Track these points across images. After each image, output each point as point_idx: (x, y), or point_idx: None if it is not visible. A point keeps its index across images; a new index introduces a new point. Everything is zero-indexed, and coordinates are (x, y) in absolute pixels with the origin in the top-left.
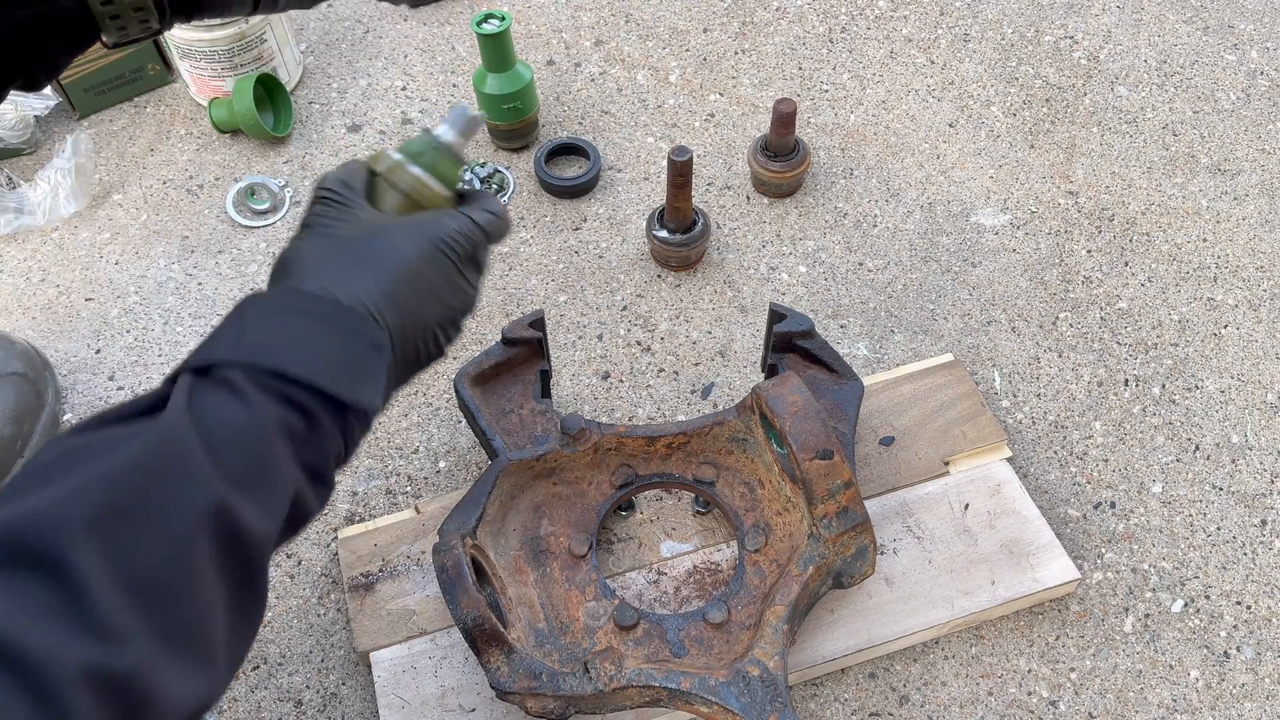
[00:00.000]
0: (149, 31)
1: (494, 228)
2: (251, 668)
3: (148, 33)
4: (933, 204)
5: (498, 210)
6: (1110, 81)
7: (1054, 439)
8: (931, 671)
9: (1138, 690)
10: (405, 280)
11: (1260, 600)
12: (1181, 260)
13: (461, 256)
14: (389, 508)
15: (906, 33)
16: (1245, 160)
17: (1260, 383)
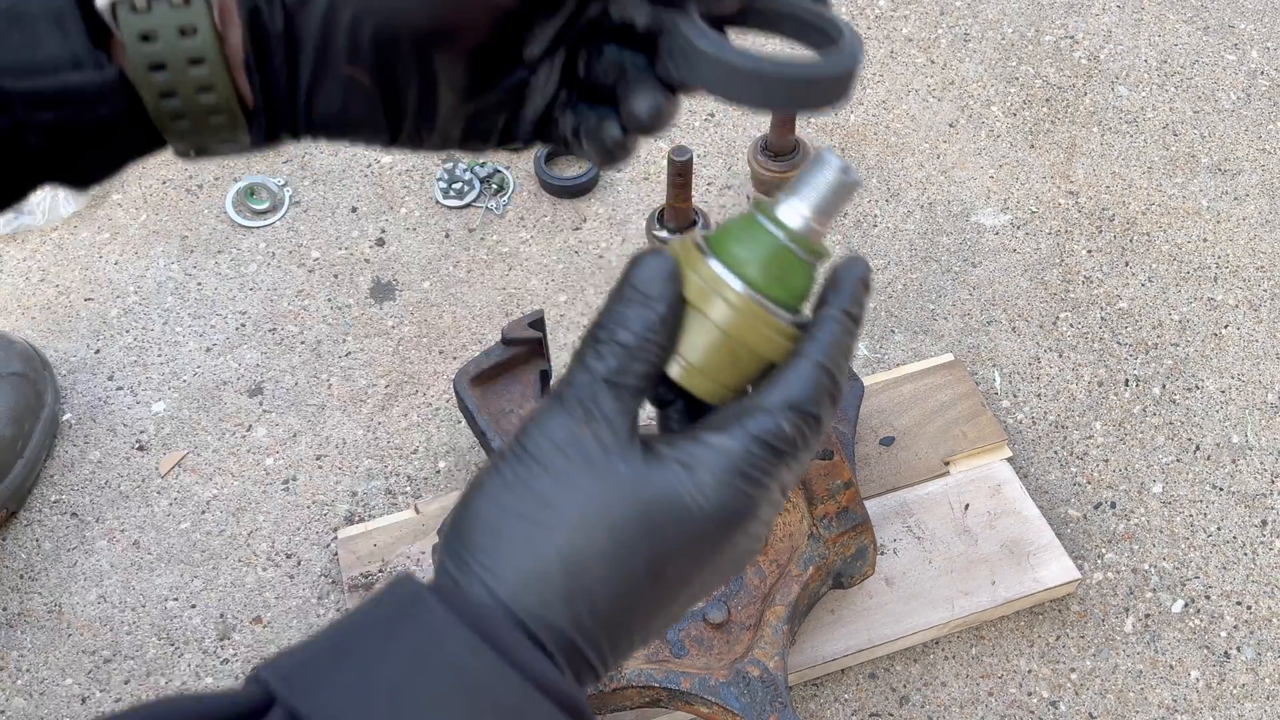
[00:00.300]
0: (235, 147)
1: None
2: (251, 668)
3: (234, 148)
4: (933, 204)
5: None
6: (1110, 81)
7: (1054, 439)
8: (931, 672)
9: (1138, 690)
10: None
11: (1260, 600)
12: (1182, 260)
13: (774, 497)
14: (389, 508)
15: (907, 32)
16: (1245, 160)
17: (1260, 383)
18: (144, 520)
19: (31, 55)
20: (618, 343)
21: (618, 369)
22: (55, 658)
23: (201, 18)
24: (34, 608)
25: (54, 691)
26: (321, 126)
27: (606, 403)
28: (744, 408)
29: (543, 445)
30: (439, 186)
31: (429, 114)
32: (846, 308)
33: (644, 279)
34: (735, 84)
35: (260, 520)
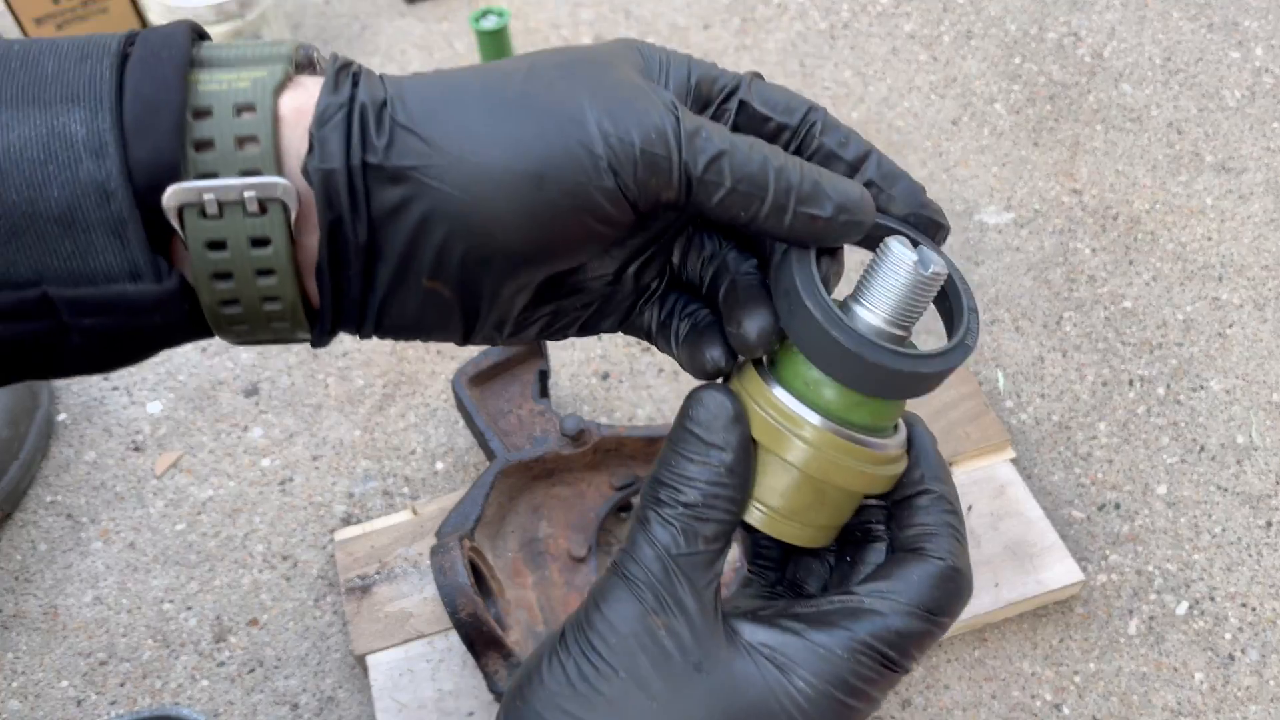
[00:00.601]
0: (291, 340)
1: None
2: (247, 670)
3: (288, 341)
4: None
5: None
6: (1114, 79)
7: (1058, 440)
8: (934, 674)
9: (1142, 693)
10: None
11: (1265, 602)
12: (1186, 259)
13: (875, 709)
14: (386, 509)
15: (909, 29)
16: (1250, 159)
17: (1266, 383)
18: (139, 521)
19: (84, 264)
20: (683, 504)
21: (687, 540)
22: (50, 660)
23: (278, 229)
24: (29, 609)
25: (49, 694)
26: (390, 329)
27: (681, 586)
28: (855, 605)
29: (611, 640)
30: None
31: (508, 319)
32: (945, 490)
33: (704, 422)
34: (829, 355)
35: (256, 521)
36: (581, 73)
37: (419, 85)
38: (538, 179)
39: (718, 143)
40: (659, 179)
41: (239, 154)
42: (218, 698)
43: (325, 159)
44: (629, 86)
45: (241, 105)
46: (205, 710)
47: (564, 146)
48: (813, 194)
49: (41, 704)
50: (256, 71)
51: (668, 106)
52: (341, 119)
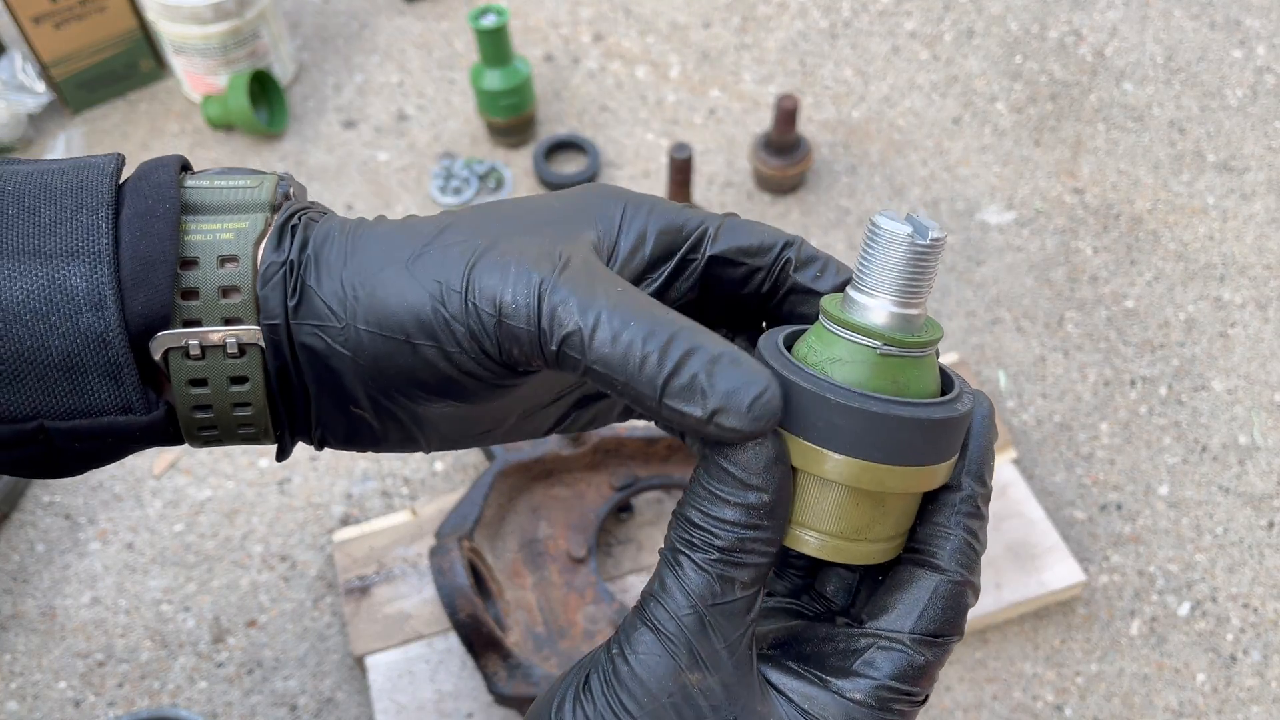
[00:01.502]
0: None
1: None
2: (246, 671)
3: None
4: (937, 201)
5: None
6: (1116, 77)
7: (1060, 440)
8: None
9: (1144, 694)
10: None
11: (1267, 603)
12: (1188, 259)
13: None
14: (385, 510)
15: (910, 28)
16: (1252, 158)
17: (1268, 383)
18: (137, 522)
19: (80, 402)
20: (719, 549)
21: (723, 587)
22: (49, 660)
23: (255, 369)
24: (27, 610)
25: (47, 695)
26: (342, 445)
27: (716, 639)
28: (871, 642)
29: (642, 698)
30: (436, 184)
31: (463, 438)
32: (974, 490)
33: (743, 462)
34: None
35: (254, 522)
36: (483, 236)
37: (336, 244)
38: (410, 347)
39: (577, 319)
40: (520, 349)
41: (222, 303)
42: (216, 699)
43: (268, 315)
44: (520, 252)
45: (225, 257)
46: (204, 711)
47: (434, 316)
48: (687, 389)
49: (40, 705)
50: (239, 222)
51: (546, 274)
52: (279, 279)
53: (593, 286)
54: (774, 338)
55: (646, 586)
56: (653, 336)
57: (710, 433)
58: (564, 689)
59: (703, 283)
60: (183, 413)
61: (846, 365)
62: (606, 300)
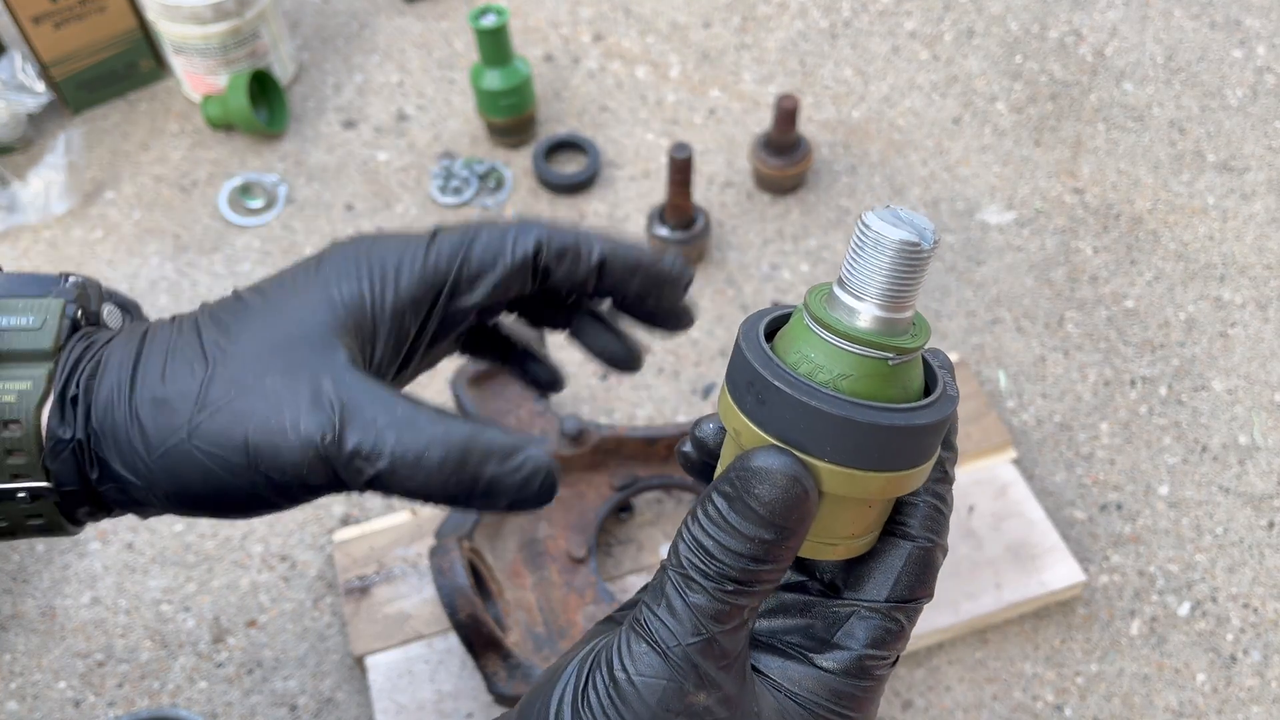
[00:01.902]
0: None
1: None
2: (246, 672)
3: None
4: (937, 201)
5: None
6: (1116, 77)
7: (1060, 440)
8: (936, 676)
9: (1144, 694)
10: None
11: (1268, 603)
12: (1189, 259)
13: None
14: (385, 510)
15: (910, 28)
16: (1253, 158)
17: (1268, 383)
18: (137, 522)
19: None
20: (731, 580)
21: (731, 613)
22: (48, 661)
23: (50, 509)
24: (27, 610)
25: (47, 695)
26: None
27: (719, 658)
28: (850, 612)
29: (644, 715)
30: (436, 184)
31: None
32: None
33: (769, 502)
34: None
35: (254, 522)
36: (246, 399)
37: (120, 413)
38: (217, 499)
39: (378, 465)
40: (326, 486)
41: (8, 462)
42: (216, 699)
43: (65, 483)
44: (292, 406)
45: (7, 419)
46: (204, 711)
47: (227, 485)
48: (488, 491)
49: (39, 705)
50: (21, 383)
51: (325, 427)
52: (69, 455)
53: (377, 428)
54: (756, 331)
55: (647, 598)
56: (446, 460)
57: (512, 510)
58: (559, 692)
59: (479, 316)
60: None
61: (852, 379)
62: (394, 438)
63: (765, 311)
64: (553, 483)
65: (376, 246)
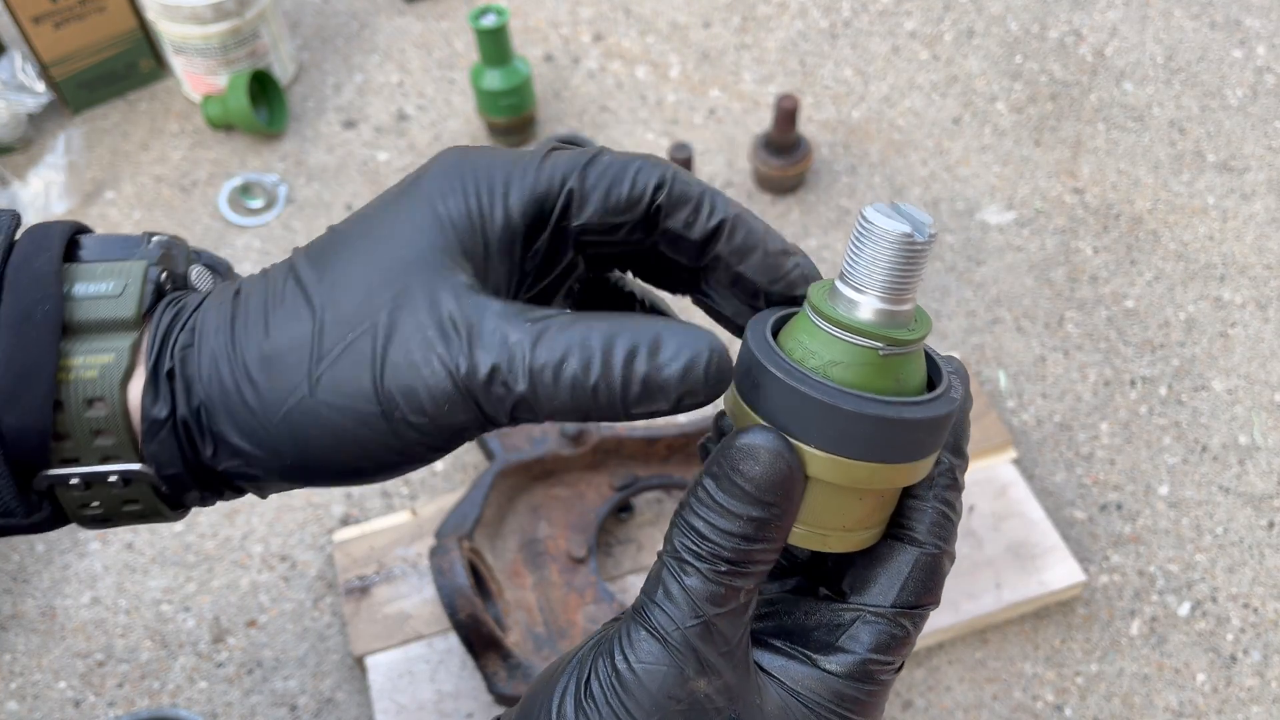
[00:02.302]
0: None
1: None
2: (246, 671)
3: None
4: (937, 201)
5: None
6: (1116, 77)
7: (1060, 440)
8: (936, 676)
9: (1144, 694)
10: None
11: (1268, 603)
12: (1189, 259)
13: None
14: (384, 510)
15: (910, 28)
16: (1253, 158)
17: (1268, 383)
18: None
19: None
20: (726, 561)
21: (727, 595)
22: (48, 661)
23: (146, 492)
24: (27, 610)
25: (47, 695)
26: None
27: (720, 644)
28: (855, 617)
29: (648, 706)
30: None
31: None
32: (951, 461)
33: (757, 479)
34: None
35: (254, 522)
36: (367, 336)
37: (226, 381)
38: (344, 458)
39: (519, 388)
40: (470, 428)
41: (96, 444)
42: (216, 699)
43: (164, 467)
44: (420, 338)
45: (91, 397)
46: (204, 711)
47: (356, 437)
48: (644, 395)
49: (40, 705)
50: (104, 356)
51: (458, 357)
52: (168, 435)
53: (509, 345)
54: (762, 327)
55: (646, 588)
56: (590, 366)
57: (683, 409)
58: (561, 687)
59: (580, 250)
60: (71, 514)
61: (843, 368)
62: (527, 353)
63: (779, 308)
64: (723, 367)
65: (483, 159)
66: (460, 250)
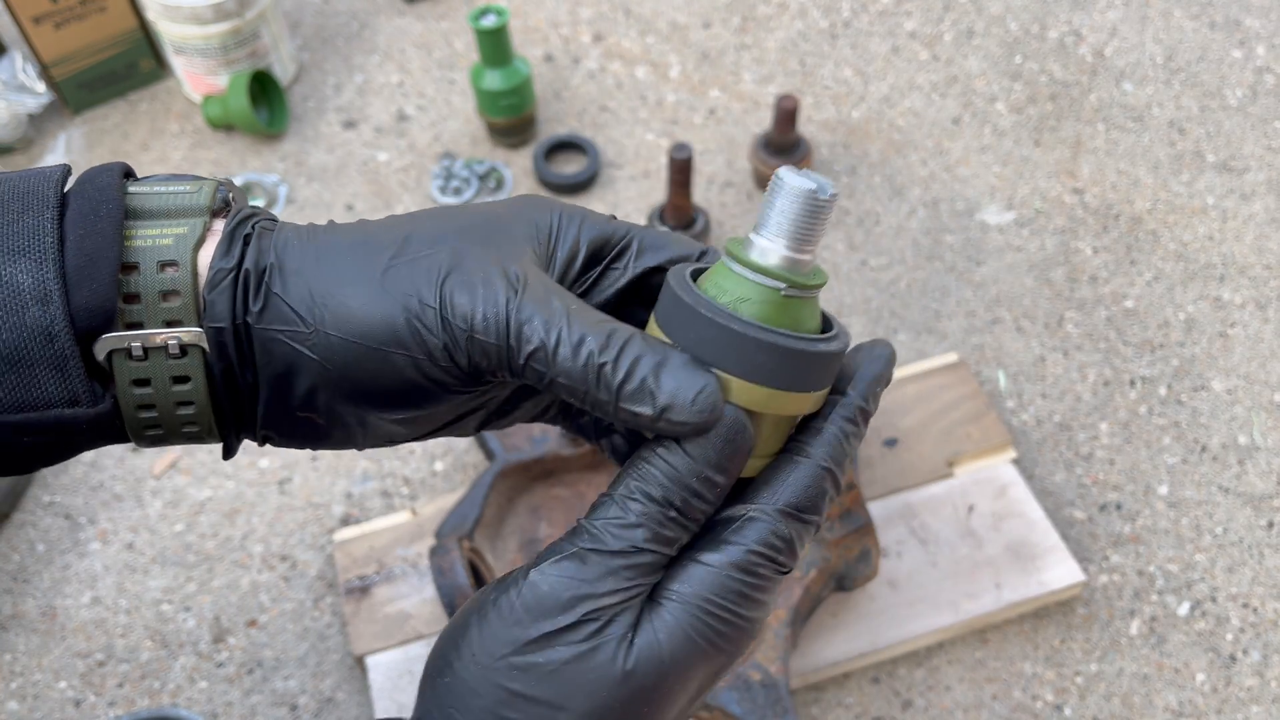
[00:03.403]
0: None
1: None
2: (246, 671)
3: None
4: (937, 201)
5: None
6: (1116, 78)
7: (1060, 440)
8: (935, 676)
9: (1144, 694)
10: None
11: (1267, 603)
12: (1188, 259)
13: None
14: (385, 510)
15: (910, 28)
16: (1252, 158)
17: (1268, 383)
18: (138, 522)
19: (26, 395)
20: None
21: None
22: (49, 660)
23: (196, 368)
24: (27, 610)
25: (47, 695)
26: (282, 442)
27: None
28: (740, 514)
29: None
30: (436, 184)
31: (398, 436)
32: (860, 403)
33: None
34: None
35: (255, 522)
36: (446, 252)
37: (299, 252)
38: (381, 355)
39: (541, 336)
40: (489, 361)
41: (163, 306)
42: (216, 699)
43: (214, 319)
44: (484, 271)
45: (165, 261)
46: (204, 711)
47: (408, 328)
48: (637, 392)
49: (40, 705)
50: (178, 228)
51: (510, 294)
52: (228, 284)
53: (551, 305)
54: (682, 272)
55: (583, 518)
56: (607, 348)
57: (661, 428)
58: (468, 609)
59: (628, 287)
60: (127, 411)
61: (750, 304)
62: (565, 319)
63: (686, 264)
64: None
65: (569, 203)
66: (534, 245)
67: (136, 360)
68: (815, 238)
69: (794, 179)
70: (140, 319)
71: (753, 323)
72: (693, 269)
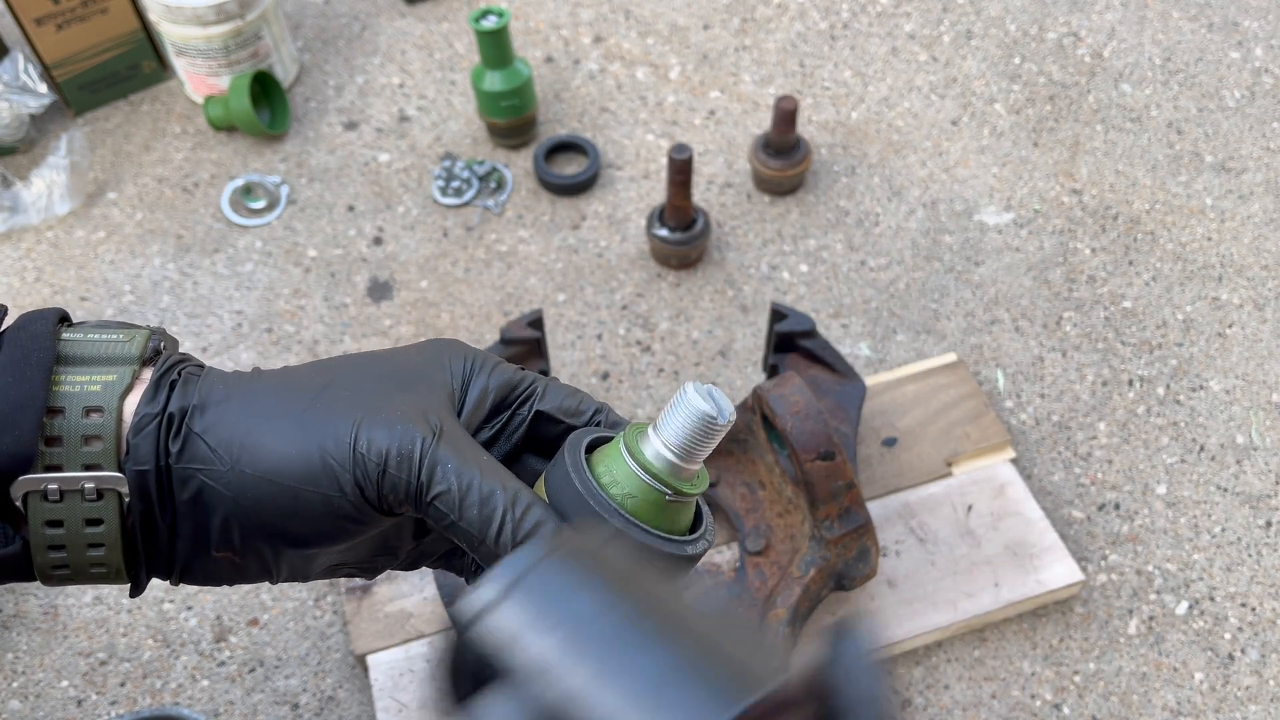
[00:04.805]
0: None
1: None
2: (248, 670)
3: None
4: (935, 202)
5: None
6: (1114, 79)
7: (1058, 440)
8: (934, 674)
9: (1142, 693)
10: None
11: (1265, 602)
12: (1186, 259)
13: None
14: None
15: (909, 29)
16: (1250, 159)
17: (1265, 383)
18: None
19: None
20: None
21: None
22: (51, 660)
23: (110, 512)
24: (30, 609)
25: (50, 694)
26: (196, 582)
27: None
28: None
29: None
30: (437, 185)
31: (311, 572)
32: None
33: None
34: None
35: None
36: (365, 395)
37: (222, 394)
38: (294, 492)
39: (453, 481)
40: (397, 497)
41: (84, 450)
42: (218, 697)
43: (138, 461)
44: (401, 413)
45: (91, 407)
46: (205, 710)
47: (322, 466)
48: (533, 534)
49: (42, 704)
50: (108, 375)
51: (427, 436)
52: (153, 429)
53: (465, 456)
54: (579, 447)
55: None
56: (513, 507)
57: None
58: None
59: (527, 433)
60: (38, 552)
61: (635, 500)
62: (478, 471)
63: (591, 431)
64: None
65: (483, 351)
66: (448, 391)
67: (52, 501)
68: (704, 453)
69: (696, 400)
70: (60, 461)
71: (633, 521)
72: (590, 439)
